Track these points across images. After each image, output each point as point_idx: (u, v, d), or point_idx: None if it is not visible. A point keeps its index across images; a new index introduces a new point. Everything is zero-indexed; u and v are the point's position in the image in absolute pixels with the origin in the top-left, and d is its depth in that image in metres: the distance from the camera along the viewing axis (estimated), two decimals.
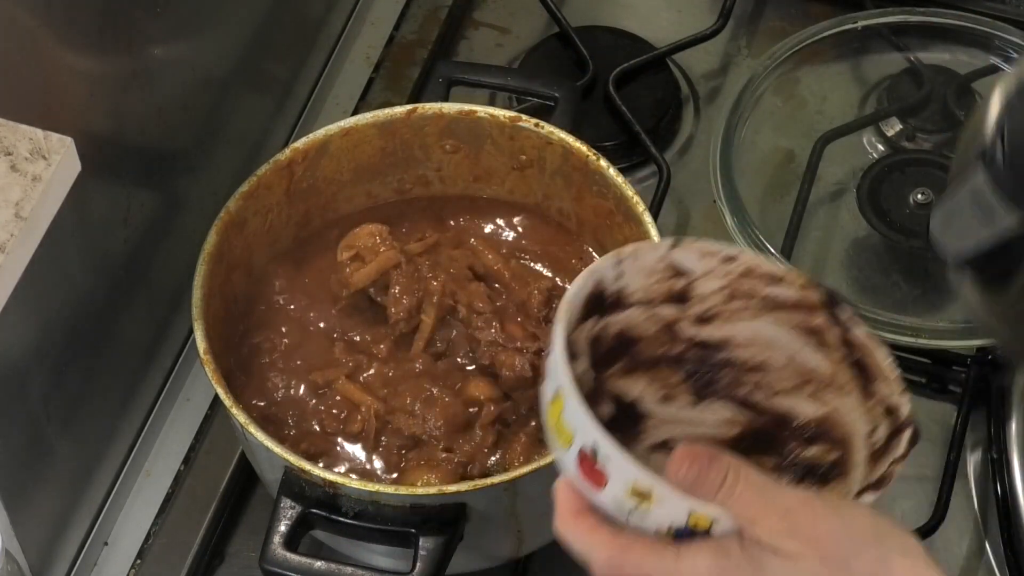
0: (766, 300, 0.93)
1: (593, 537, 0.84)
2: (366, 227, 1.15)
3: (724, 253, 0.92)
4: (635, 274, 0.91)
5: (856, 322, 0.91)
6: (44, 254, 0.91)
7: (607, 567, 0.83)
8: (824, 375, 0.93)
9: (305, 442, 1.11)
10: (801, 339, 0.93)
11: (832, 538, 0.80)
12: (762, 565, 0.80)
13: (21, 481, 1.07)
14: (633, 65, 1.40)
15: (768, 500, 0.81)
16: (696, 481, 0.81)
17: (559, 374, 0.84)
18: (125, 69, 1.08)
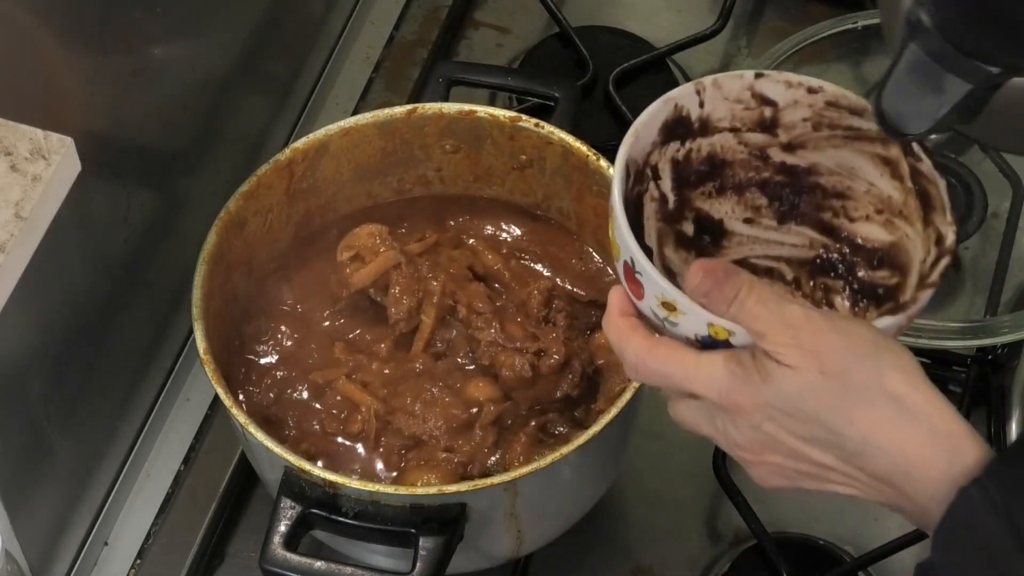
0: (849, 130, 0.97)
1: (629, 336, 0.91)
2: (366, 227, 1.15)
3: (809, 84, 0.97)
4: (719, 102, 0.98)
5: (927, 152, 0.95)
6: (44, 254, 0.91)
7: (635, 362, 0.91)
8: (897, 203, 0.97)
9: (305, 442, 1.11)
10: (879, 168, 0.97)
11: (831, 351, 0.85)
12: (769, 374, 0.86)
13: (21, 481, 1.07)
14: (633, 65, 1.40)
15: (775, 315, 0.86)
16: (710, 293, 0.88)
17: (613, 192, 0.92)
18: (125, 69, 1.08)
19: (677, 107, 0.97)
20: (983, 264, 1.29)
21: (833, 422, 0.86)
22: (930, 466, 0.85)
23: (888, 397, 0.85)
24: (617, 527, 1.21)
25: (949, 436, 0.85)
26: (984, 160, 1.33)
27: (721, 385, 0.88)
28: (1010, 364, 1.25)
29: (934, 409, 0.85)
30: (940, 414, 0.86)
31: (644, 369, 0.91)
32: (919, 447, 0.85)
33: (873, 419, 0.85)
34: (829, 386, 0.85)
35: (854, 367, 0.85)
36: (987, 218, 1.29)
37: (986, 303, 1.25)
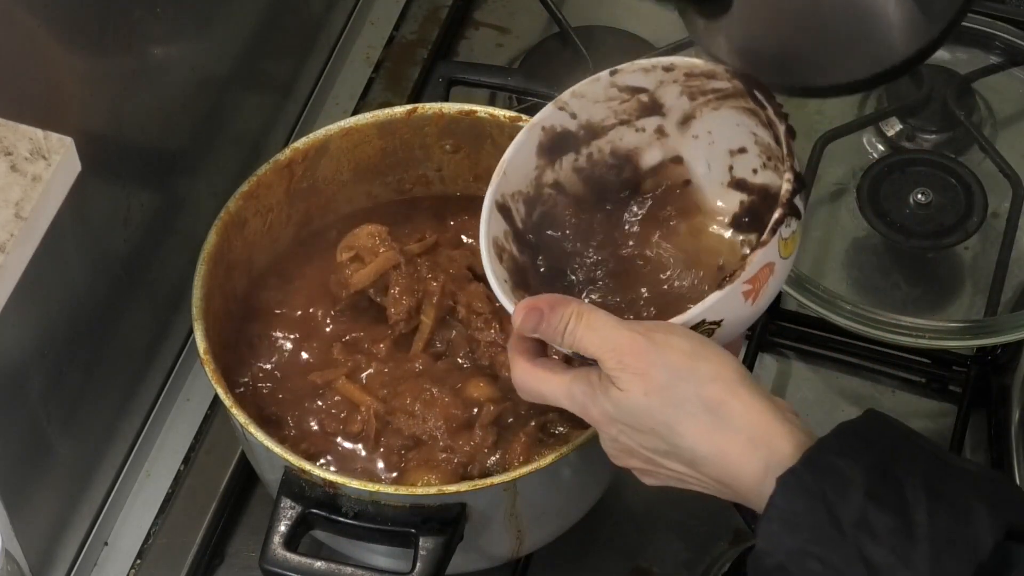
0: (715, 92, 1.04)
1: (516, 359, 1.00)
2: (365, 227, 1.15)
3: (661, 63, 1.04)
4: (591, 107, 1.04)
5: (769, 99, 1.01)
6: (44, 254, 0.91)
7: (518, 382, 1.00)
8: (776, 150, 1.03)
9: (305, 442, 1.11)
10: (753, 119, 1.04)
11: (654, 370, 0.93)
12: (610, 396, 0.95)
13: (21, 481, 1.07)
14: None
15: (604, 341, 0.94)
16: (539, 328, 0.96)
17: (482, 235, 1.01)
18: (125, 69, 1.08)
19: (546, 128, 1.04)
20: (983, 264, 1.29)
21: (666, 435, 0.93)
22: (751, 469, 0.91)
23: (706, 409, 0.92)
24: (617, 527, 1.21)
25: (765, 438, 0.91)
26: (984, 160, 1.33)
27: (580, 401, 0.97)
28: (1010, 364, 1.25)
29: (750, 415, 0.92)
30: (756, 419, 0.92)
31: (525, 386, 0.99)
32: (739, 454, 0.92)
33: (696, 431, 0.92)
34: (653, 404, 0.93)
35: (676, 383, 0.93)
36: (987, 218, 1.29)
37: (986, 303, 1.25)
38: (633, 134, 1.07)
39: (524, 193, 1.06)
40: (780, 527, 0.88)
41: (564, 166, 1.06)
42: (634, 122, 1.07)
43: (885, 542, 0.85)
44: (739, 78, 1.02)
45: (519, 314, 0.96)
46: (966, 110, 1.36)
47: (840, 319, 1.22)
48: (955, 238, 1.29)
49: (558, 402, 0.98)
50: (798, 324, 1.29)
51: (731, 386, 0.93)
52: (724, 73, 1.03)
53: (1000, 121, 1.38)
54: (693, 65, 1.04)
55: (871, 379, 1.28)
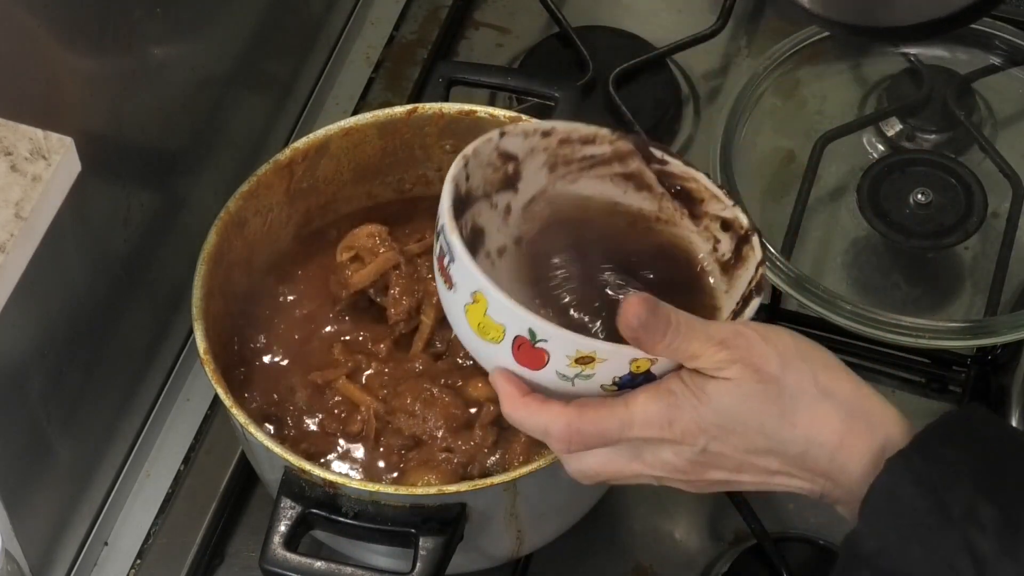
0: (583, 160, 1.02)
1: (547, 411, 0.91)
2: (365, 228, 1.15)
3: (542, 128, 1.01)
4: (476, 169, 1.00)
5: (670, 154, 1.01)
6: (44, 254, 0.91)
7: (567, 434, 0.91)
8: (651, 212, 1.03)
9: (305, 442, 1.11)
10: (621, 186, 1.02)
11: (764, 360, 0.90)
12: (705, 393, 0.90)
13: (21, 481, 1.07)
14: (633, 65, 1.40)
15: (706, 336, 0.90)
16: (647, 327, 0.89)
17: (473, 277, 0.91)
18: (125, 69, 1.08)
19: (455, 185, 0.98)
20: (983, 264, 1.29)
21: (775, 428, 0.90)
22: (866, 454, 0.90)
23: (823, 395, 0.90)
24: (617, 527, 1.21)
25: (883, 422, 0.91)
26: (984, 160, 1.33)
27: (662, 418, 0.90)
28: (1010, 364, 1.25)
29: (866, 399, 0.91)
30: (871, 402, 0.91)
31: (579, 437, 0.91)
32: (857, 439, 0.90)
33: (812, 418, 0.90)
34: (768, 393, 0.90)
35: (788, 372, 0.90)
36: (987, 218, 1.29)
37: (986, 303, 1.25)
38: (488, 211, 1.02)
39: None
40: (885, 510, 0.87)
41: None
42: (493, 195, 1.02)
43: (992, 534, 0.85)
44: (630, 139, 1.01)
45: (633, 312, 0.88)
46: (966, 110, 1.36)
47: (840, 319, 1.22)
48: (955, 238, 1.29)
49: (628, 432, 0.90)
50: (798, 324, 1.29)
51: (842, 375, 0.92)
52: (607, 136, 1.01)
53: (1000, 121, 1.38)
54: (572, 129, 1.01)
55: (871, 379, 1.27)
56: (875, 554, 0.87)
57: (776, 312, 1.29)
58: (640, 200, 1.03)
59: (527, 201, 1.03)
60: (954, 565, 0.85)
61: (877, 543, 0.87)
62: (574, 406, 0.91)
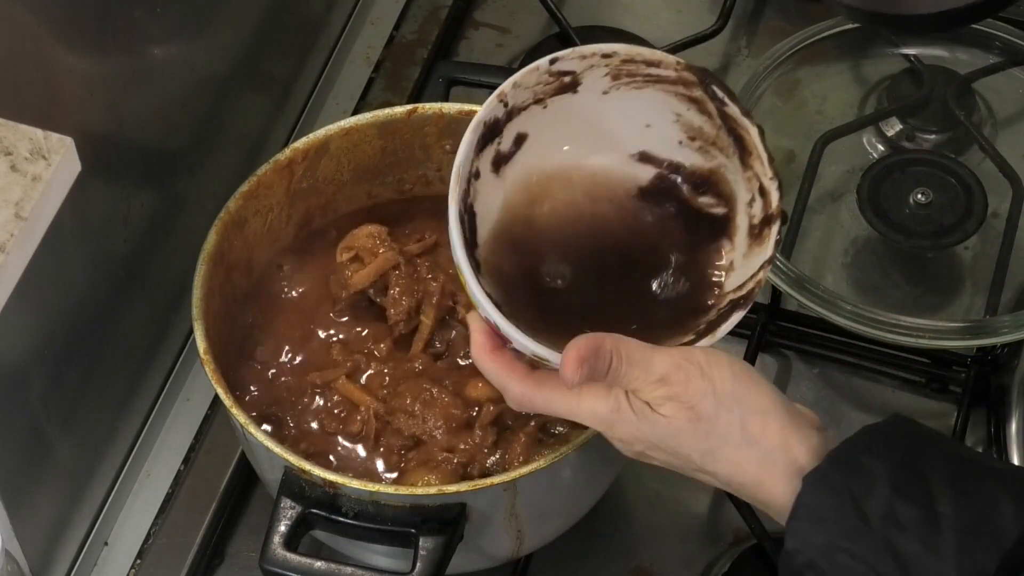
0: (648, 77, 1.02)
1: (509, 372, 0.97)
2: (365, 228, 1.15)
3: (602, 51, 1.01)
4: (521, 93, 1.01)
5: (731, 98, 1.01)
6: (44, 254, 0.91)
7: (519, 399, 0.98)
8: (709, 134, 1.02)
9: (305, 442, 1.11)
10: (685, 104, 1.02)
11: (701, 400, 0.94)
12: (645, 416, 0.95)
13: (21, 481, 1.07)
14: None
15: (645, 372, 0.94)
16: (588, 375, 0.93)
17: (457, 255, 0.95)
18: (125, 69, 1.08)
19: (488, 123, 1.00)
20: (983, 264, 1.29)
21: (703, 460, 0.95)
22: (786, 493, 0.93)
23: (748, 442, 0.94)
24: (617, 527, 1.21)
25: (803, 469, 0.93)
26: (984, 160, 1.33)
27: (605, 419, 0.96)
28: (1010, 364, 1.25)
29: (789, 450, 0.94)
30: (796, 451, 0.94)
31: (529, 404, 0.98)
32: (775, 481, 0.94)
33: (735, 461, 0.94)
34: (698, 432, 0.94)
35: (721, 414, 0.94)
36: (987, 218, 1.29)
37: (986, 303, 1.25)
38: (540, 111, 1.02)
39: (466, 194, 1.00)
40: (809, 524, 0.90)
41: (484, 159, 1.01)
42: (546, 100, 1.02)
43: (912, 533, 0.87)
44: (696, 71, 1.01)
45: (572, 370, 0.93)
46: (966, 110, 1.36)
47: (840, 319, 1.22)
48: (955, 238, 1.29)
49: (572, 416, 0.97)
50: (798, 324, 1.29)
51: (772, 419, 0.95)
52: (672, 63, 1.01)
53: (1000, 121, 1.38)
54: (635, 52, 1.01)
55: (871, 379, 1.28)
56: (805, 567, 0.90)
57: (776, 312, 1.29)
58: (701, 121, 1.02)
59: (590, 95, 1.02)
60: (877, 568, 0.87)
61: (805, 556, 0.90)
62: (533, 379, 0.97)
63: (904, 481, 0.89)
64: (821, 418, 1.24)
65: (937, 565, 0.87)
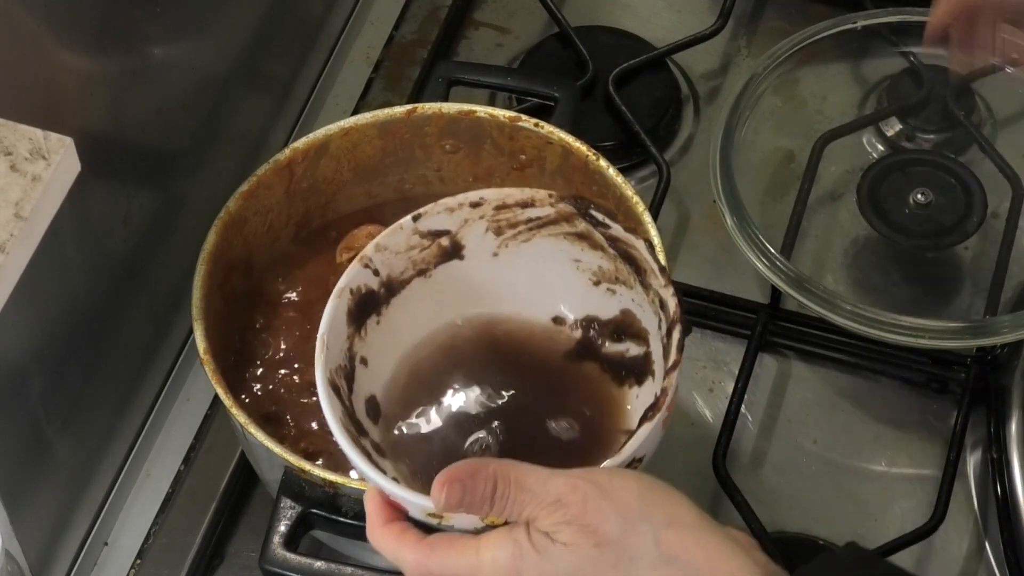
0: (530, 222, 0.99)
1: (400, 542, 0.89)
2: (364, 228, 1.15)
3: (468, 200, 0.98)
4: (393, 260, 0.97)
5: (611, 218, 0.97)
6: (44, 254, 0.91)
7: (416, 568, 0.88)
8: (609, 271, 0.99)
9: (304, 442, 1.11)
10: (577, 244, 0.99)
11: (603, 521, 0.84)
12: (547, 552, 0.85)
13: (21, 481, 1.07)
14: (633, 65, 1.40)
15: (538, 496, 0.85)
16: (465, 500, 0.85)
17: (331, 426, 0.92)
18: (125, 69, 1.08)
19: (353, 291, 0.96)
20: (983, 264, 1.29)
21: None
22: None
23: (666, 560, 0.85)
24: None
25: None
26: (984, 160, 1.33)
27: (508, 566, 0.86)
28: (1010, 364, 1.25)
29: (713, 560, 0.85)
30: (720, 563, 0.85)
31: (426, 571, 0.88)
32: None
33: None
34: (606, 558, 0.85)
35: (628, 533, 0.85)
36: (987, 218, 1.29)
37: (986, 303, 1.25)
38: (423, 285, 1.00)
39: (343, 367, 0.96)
40: None
41: (368, 333, 0.98)
42: (431, 271, 1.00)
43: None
44: (569, 201, 0.98)
45: (439, 492, 0.85)
46: (966, 110, 1.36)
47: (840, 319, 1.22)
48: (955, 238, 1.29)
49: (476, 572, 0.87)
50: (798, 324, 1.29)
51: (690, 531, 0.86)
52: (546, 199, 0.98)
53: (1000, 121, 1.37)
54: (506, 196, 0.98)
55: (871, 379, 1.28)
56: None
57: (776, 312, 1.29)
58: (598, 259, 1.00)
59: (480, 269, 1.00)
60: None
61: None
62: (426, 544, 0.88)
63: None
64: (820, 418, 1.24)
65: None
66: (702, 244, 1.33)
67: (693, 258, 1.33)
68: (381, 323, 0.99)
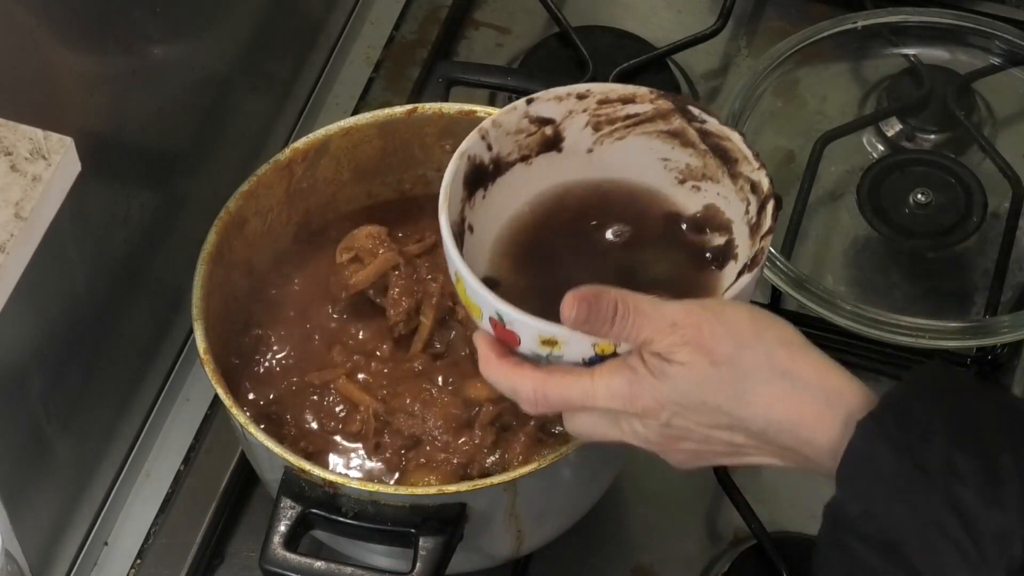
0: (627, 119, 1.04)
1: (518, 373, 0.94)
2: (364, 228, 1.15)
3: (576, 91, 1.03)
4: (504, 139, 1.03)
5: (709, 113, 1.02)
6: (44, 254, 0.91)
7: (534, 397, 0.94)
8: (696, 168, 1.04)
9: (304, 441, 1.11)
10: (668, 142, 1.04)
11: (717, 342, 0.90)
12: (664, 373, 0.90)
13: (21, 481, 1.07)
14: (633, 65, 1.40)
15: (656, 319, 0.90)
16: (589, 319, 0.90)
17: (452, 259, 0.96)
18: (125, 69, 1.08)
19: (471, 158, 1.01)
20: (983, 264, 1.29)
21: (732, 408, 0.90)
22: (828, 427, 0.89)
23: (778, 374, 0.90)
24: (617, 527, 1.21)
25: (841, 395, 0.90)
26: (984, 160, 1.33)
27: (623, 393, 0.92)
28: (1010, 364, 1.25)
29: (823, 375, 0.90)
30: (830, 377, 0.90)
31: (544, 400, 0.94)
32: (816, 415, 0.89)
33: (768, 398, 0.90)
34: (722, 375, 0.90)
35: (742, 352, 0.90)
36: (987, 218, 1.30)
37: (986, 303, 1.25)
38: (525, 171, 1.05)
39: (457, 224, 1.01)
40: (862, 472, 0.86)
41: (475, 204, 1.03)
42: (532, 158, 1.05)
43: (972, 484, 0.84)
44: (669, 98, 1.03)
45: (571, 306, 0.90)
46: (966, 110, 1.36)
47: (840, 319, 1.22)
48: (955, 238, 1.29)
49: (591, 401, 0.93)
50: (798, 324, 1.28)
51: (799, 349, 0.91)
52: (646, 95, 1.03)
53: (1000, 121, 1.38)
54: (610, 90, 1.03)
55: (871, 379, 1.27)
56: (858, 518, 0.87)
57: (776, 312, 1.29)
58: (687, 156, 1.04)
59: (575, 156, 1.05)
60: (939, 521, 0.84)
61: (858, 507, 0.87)
62: (543, 371, 0.94)
63: (961, 430, 0.86)
64: None
65: (999, 517, 0.83)
66: None
67: None
68: (487, 198, 1.03)
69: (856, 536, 0.87)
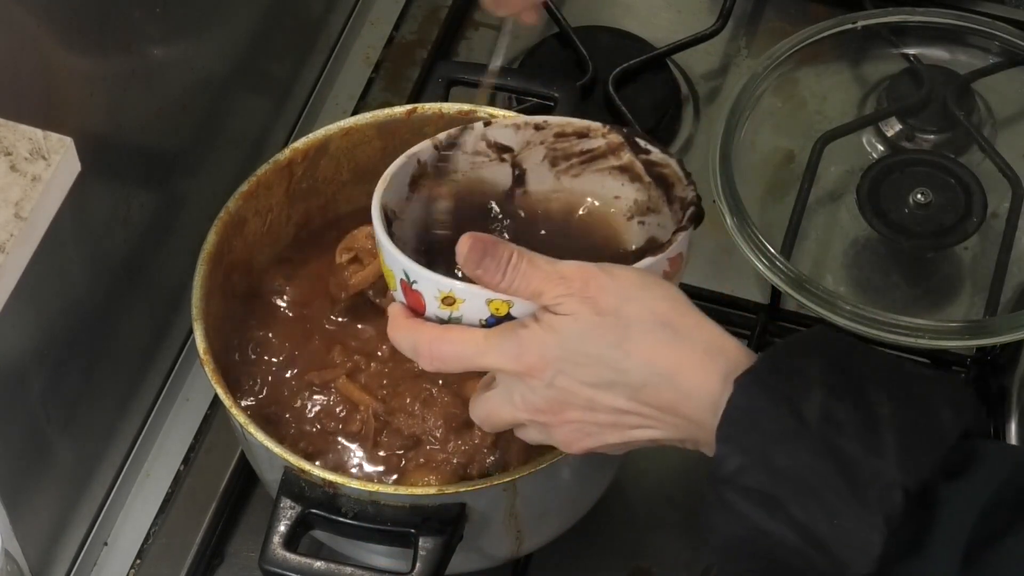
0: (583, 155, 1.06)
1: (417, 330, 0.97)
2: (364, 228, 1.15)
3: (534, 122, 1.06)
4: (459, 156, 1.06)
5: (651, 143, 1.05)
6: (44, 254, 0.91)
7: (429, 352, 0.96)
8: (643, 203, 1.06)
9: (304, 442, 1.11)
10: (619, 179, 1.06)
11: (603, 293, 0.92)
12: (553, 327, 0.93)
13: (21, 481, 1.07)
14: (633, 65, 1.40)
15: (548, 272, 0.93)
16: (483, 261, 0.93)
17: (375, 230, 0.99)
18: (125, 69, 1.08)
19: (421, 162, 1.05)
20: (983, 264, 1.29)
21: (615, 358, 0.91)
22: (708, 380, 0.90)
23: (660, 324, 0.91)
24: (617, 527, 1.21)
25: (722, 350, 0.91)
26: (984, 160, 1.33)
27: (511, 350, 0.94)
28: (1010, 364, 1.25)
29: (704, 330, 0.92)
30: (711, 333, 0.92)
31: (439, 354, 0.96)
32: (696, 365, 0.91)
33: (649, 346, 0.91)
34: (606, 323, 0.91)
35: (626, 303, 0.92)
36: (987, 218, 1.30)
37: (986, 303, 1.25)
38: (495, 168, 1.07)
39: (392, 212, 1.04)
40: (742, 427, 0.87)
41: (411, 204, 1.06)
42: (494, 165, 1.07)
43: (851, 434, 0.85)
44: (616, 131, 1.05)
45: (464, 245, 0.93)
46: (966, 110, 1.36)
47: (840, 319, 1.22)
48: (955, 238, 1.29)
49: (482, 358, 0.95)
50: (798, 324, 1.29)
51: (682, 307, 0.93)
52: (599, 129, 1.06)
53: (1000, 121, 1.38)
54: (566, 123, 1.06)
55: None
56: (737, 472, 0.87)
57: (776, 312, 1.29)
58: (635, 192, 1.06)
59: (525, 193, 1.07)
60: (818, 469, 0.85)
61: (738, 461, 0.87)
62: (440, 328, 0.96)
63: (839, 384, 0.87)
64: None
65: (877, 464, 0.85)
66: (702, 244, 1.33)
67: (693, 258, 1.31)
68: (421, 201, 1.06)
69: (736, 491, 0.87)
